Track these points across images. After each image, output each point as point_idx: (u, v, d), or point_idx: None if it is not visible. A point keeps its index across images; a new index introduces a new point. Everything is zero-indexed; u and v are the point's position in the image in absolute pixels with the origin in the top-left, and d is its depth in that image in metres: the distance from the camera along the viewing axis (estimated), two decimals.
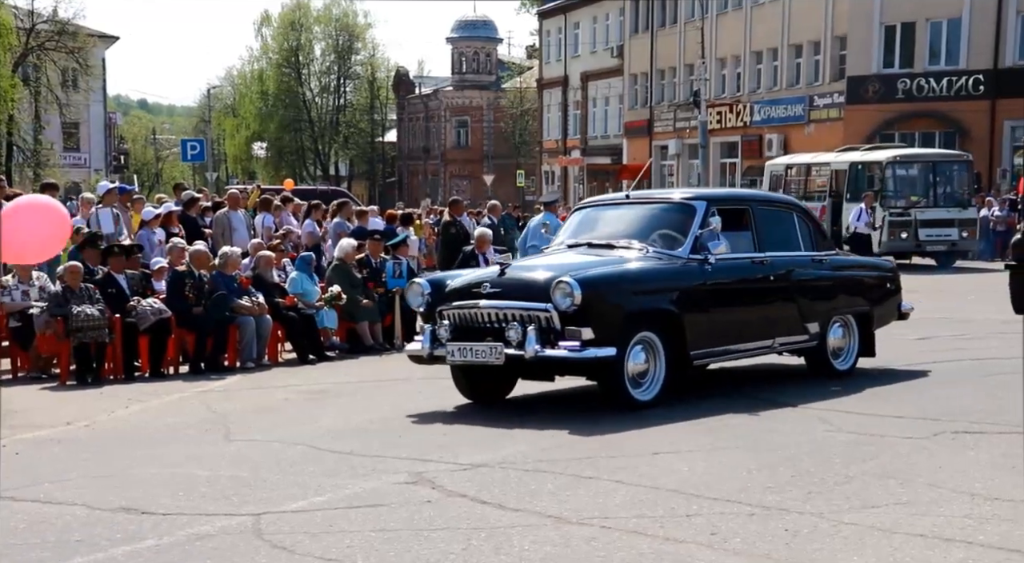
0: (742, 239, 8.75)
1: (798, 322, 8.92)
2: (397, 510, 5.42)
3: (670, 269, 8.17)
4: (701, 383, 9.05)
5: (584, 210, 9.54)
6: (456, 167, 68.08)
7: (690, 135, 40.81)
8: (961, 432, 6.97)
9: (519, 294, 7.71)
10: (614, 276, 7.89)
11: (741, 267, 8.64)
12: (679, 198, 9.02)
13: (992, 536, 4.77)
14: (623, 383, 7.62)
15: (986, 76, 31.81)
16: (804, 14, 36.31)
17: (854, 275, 9.80)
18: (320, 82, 75.07)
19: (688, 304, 8.03)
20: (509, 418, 7.78)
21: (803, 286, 9.01)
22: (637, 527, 5.03)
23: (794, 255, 9.10)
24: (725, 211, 8.61)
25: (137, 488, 6.05)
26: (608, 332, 7.49)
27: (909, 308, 10.19)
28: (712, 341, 8.24)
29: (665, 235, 8.48)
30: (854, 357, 9.43)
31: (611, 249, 8.41)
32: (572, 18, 53.32)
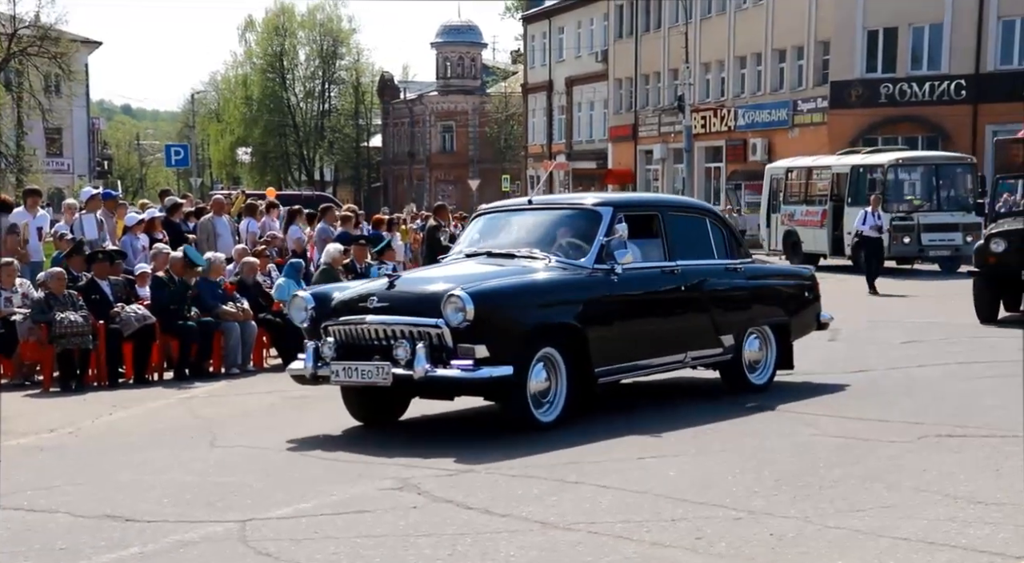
0: (651, 247, 8.29)
1: (712, 334, 8.46)
2: (383, 516, 5.41)
3: (573, 280, 7.66)
4: (687, 388, 9.07)
5: (485, 216, 8.88)
6: (442, 172, 68.06)
7: (675, 140, 40.92)
8: (945, 435, 7.00)
9: (409, 308, 7.15)
10: (511, 288, 7.33)
11: (650, 277, 8.14)
12: (583, 204, 8.45)
13: (976, 539, 4.79)
14: (524, 403, 7.10)
15: (968, 81, 32.03)
16: (788, 19, 36.48)
17: (771, 284, 9.36)
18: (305, 87, 74.96)
19: (593, 317, 7.54)
20: (493, 423, 7.78)
21: (717, 296, 8.56)
22: (623, 532, 5.04)
23: (707, 263, 8.65)
24: (633, 217, 8.16)
25: (121, 495, 6.02)
26: (505, 349, 6.95)
27: (828, 318, 9.72)
28: (619, 357, 7.74)
29: (569, 243, 7.99)
30: (771, 370, 8.98)
31: (511, 258, 7.89)
32: (557, 23, 53.43)
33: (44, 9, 38.33)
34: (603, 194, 9.56)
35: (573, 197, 9.73)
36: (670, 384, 9.23)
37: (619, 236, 7.69)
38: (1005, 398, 8.34)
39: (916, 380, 9.42)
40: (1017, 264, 13.05)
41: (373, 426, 7.75)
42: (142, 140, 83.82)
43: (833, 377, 9.62)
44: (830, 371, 9.98)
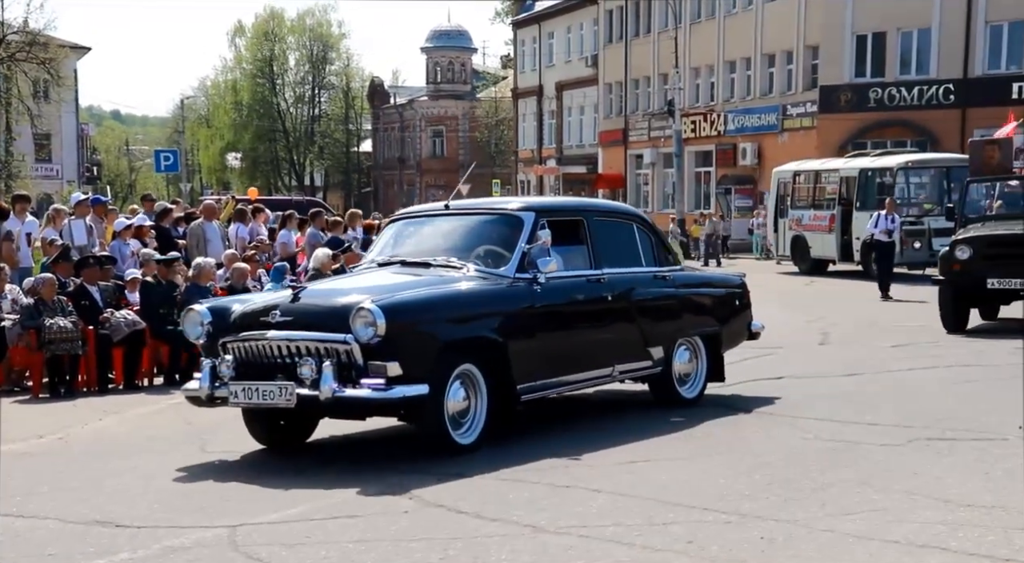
0: (576, 254, 7.82)
1: (640, 346, 8.07)
2: (374, 520, 5.40)
3: (493, 291, 7.15)
4: None
5: (399, 222, 8.35)
6: (432, 177, 68.07)
7: (665, 144, 41.02)
8: (936, 438, 7.02)
9: (315, 323, 6.59)
10: (426, 300, 6.81)
11: (575, 286, 7.69)
12: (504, 209, 7.96)
13: (966, 542, 4.81)
14: (441, 424, 6.62)
15: (956, 85, 32.18)
16: (776, 24, 36.61)
17: (701, 292, 8.93)
18: (295, 92, 74.96)
19: (514, 330, 7.06)
20: None
21: (645, 306, 8.15)
22: (615, 536, 5.04)
23: (635, 271, 8.23)
24: (556, 223, 7.69)
25: (111, 501, 6.00)
26: (419, 366, 6.46)
27: (760, 327, 9.36)
28: (543, 372, 7.26)
29: (489, 251, 7.48)
30: (702, 383, 8.65)
31: (427, 268, 7.37)
32: (546, 28, 53.52)
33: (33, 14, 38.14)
34: (526, 198, 8.81)
35: (493, 202, 9.12)
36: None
37: (542, 243, 7.25)
38: (995, 401, 8.38)
39: (906, 383, 9.45)
40: (982, 272, 12.63)
41: (279, 449, 7.24)
42: (131, 145, 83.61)
43: (822, 381, 9.66)
44: (820, 375, 10.02)
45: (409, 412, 6.61)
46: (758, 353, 11.45)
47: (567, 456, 6.72)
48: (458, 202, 8.21)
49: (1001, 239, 12.86)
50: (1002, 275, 12.53)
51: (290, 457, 7.05)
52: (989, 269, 12.60)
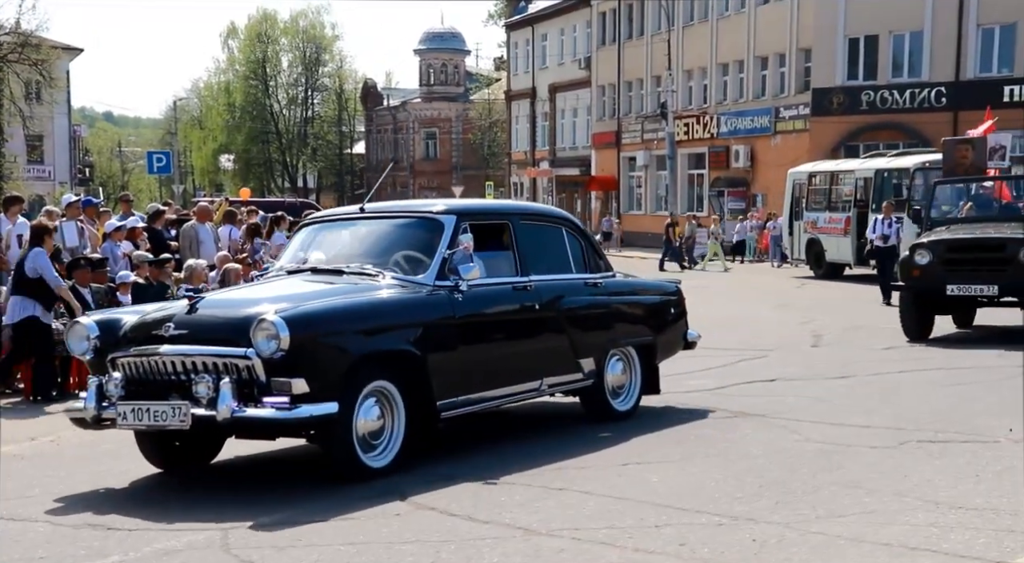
0: (501, 260, 7.38)
1: (570, 358, 7.63)
2: (366, 523, 5.40)
3: (411, 300, 6.67)
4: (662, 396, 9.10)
5: (311, 227, 7.85)
6: (425, 179, 68.12)
7: (658, 146, 41.06)
8: (926, 441, 7.04)
9: (213, 336, 6.07)
10: (335, 311, 6.28)
11: (499, 295, 7.21)
12: (423, 212, 7.42)
13: (956, 544, 4.83)
14: (350, 446, 6.12)
15: (948, 88, 32.25)
16: (769, 26, 36.68)
17: (634, 300, 8.51)
18: (288, 94, 74.92)
19: (434, 343, 6.59)
20: (477, 429, 7.78)
21: (575, 315, 7.70)
22: (607, 538, 5.04)
23: (564, 278, 7.79)
24: (480, 227, 7.24)
25: (103, 503, 5.99)
26: (328, 383, 5.96)
27: (696, 336, 9.05)
28: (465, 387, 6.81)
29: (407, 257, 7.01)
30: (636, 395, 8.26)
31: (340, 275, 6.88)
32: (540, 30, 53.56)
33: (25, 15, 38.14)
34: (448, 200, 8.30)
35: (412, 204, 8.62)
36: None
37: (464, 248, 6.79)
38: (986, 404, 8.41)
39: (898, 386, 9.47)
40: (942, 278, 12.21)
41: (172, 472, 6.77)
42: (124, 147, 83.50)
43: (814, 383, 9.67)
44: (812, 377, 10.03)
45: (317, 433, 6.11)
46: (751, 355, 11.48)
47: (560, 458, 6.72)
48: (375, 205, 7.81)
49: (961, 243, 12.49)
50: (962, 281, 12.16)
51: (281, 460, 7.04)
52: (949, 275, 12.20)
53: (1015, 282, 11.96)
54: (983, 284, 12.07)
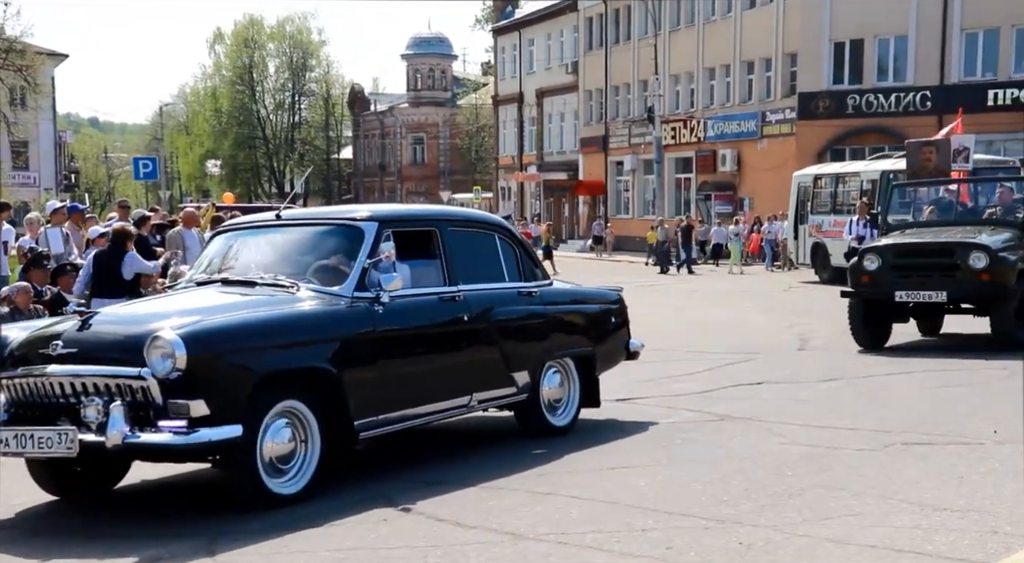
0: (428, 269, 7.02)
1: (502, 371, 7.23)
2: (352, 529, 5.39)
3: (326, 313, 6.24)
4: (649, 400, 9.10)
5: (226, 235, 7.35)
6: (412, 183, 68.11)
7: (645, 151, 41.17)
8: (912, 443, 7.07)
9: (104, 355, 5.61)
10: (239, 326, 5.84)
11: (425, 306, 6.82)
12: (342, 219, 7.01)
13: (941, 546, 4.85)
14: (255, 472, 5.69)
15: (932, 92, 32.44)
16: (755, 31, 36.83)
17: (572, 310, 8.11)
18: (274, 99, 74.88)
19: (351, 359, 6.17)
20: (465, 434, 7.78)
21: (508, 326, 7.33)
22: (594, 542, 5.05)
23: (496, 287, 7.40)
24: (404, 234, 6.90)
25: (87, 511, 5.97)
26: (230, 405, 5.55)
27: (639, 346, 8.63)
28: (386, 405, 6.41)
29: (325, 267, 6.62)
30: (575, 409, 7.87)
31: (252, 287, 6.48)
32: (527, 35, 53.66)
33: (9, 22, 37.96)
34: (372, 206, 7.99)
35: (332, 211, 8.15)
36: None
37: (386, 257, 6.43)
38: (971, 406, 8.45)
39: (884, 388, 9.50)
40: (891, 284, 11.78)
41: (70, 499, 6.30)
42: (110, 153, 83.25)
43: (800, 386, 9.70)
44: (798, 380, 10.07)
45: (219, 458, 5.70)
46: (738, 359, 11.51)
47: (547, 462, 6.73)
48: (292, 211, 7.36)
49: (910, 248, 12.06)
50: (911, 287, 11.70)
51: None
52: (898, 281, 11.78)
53: (964, 288, 11.63)
54: (932, 290, 11.62)
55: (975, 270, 11.45)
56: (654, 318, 17.04)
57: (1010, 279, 11.49)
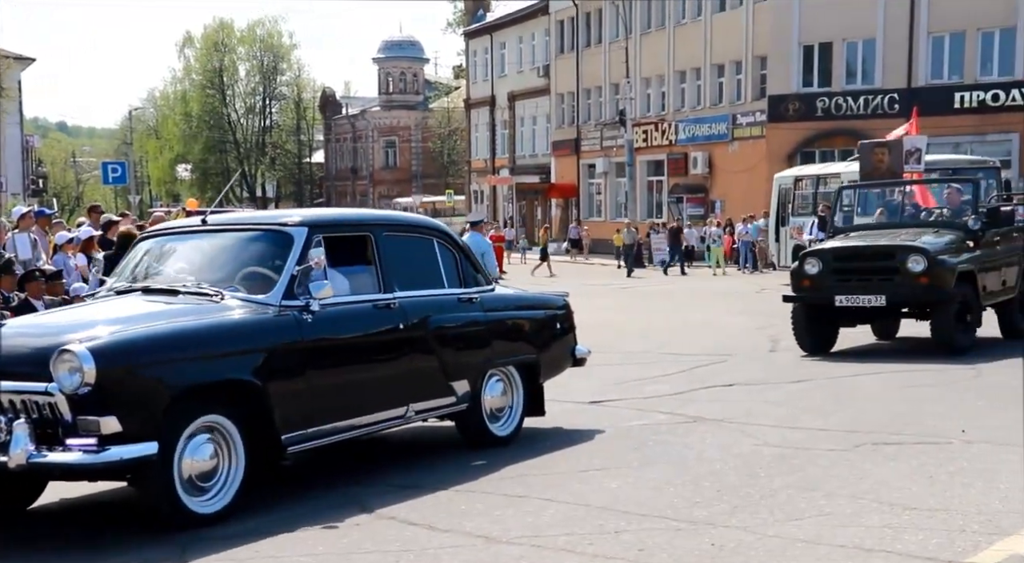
0: (362, 276, 6.79)
1: (441, 381, 7.02)
2: (325, 534, 5.38)
3: (250, 323, 5.98)
4: (621, 402, 9.13)
5: (149, 241, 7.06)
6: (385, 187, 68.03)
7: (617, 153, 41.30)
8: (881, 443, 7.13)
9: (12, 369, 5.33)
10: (155, 338, 5.54)
11: (358, 315, 6.58)
12: (270, 224, 6.76)
13: (910, 545, 4.90)
14: (172, 491, 5.41)
15: (901, 94, 32.74)
16: (725, 34, 37.04)
17: (516, 316, 7.84)
18: (245, 103, 74.59)
19: (278, 370, 5.93)
20: (438, 438, 7.77)
21: (446, 334, 7.10)
22: (567, 545, 5.06)
23: (435, 294, 7.16)
24: (338, 240, 6.70)
25: (57, 520, 5.91)
26: (145, 421, 5.27)
27: (585, 352, 8.39)
28: (315, 418, 6.15)
29: (252, 274, 6.33)
30: (518, 418, 7.65)
31: (174, 295, 6.19)
32: (498, 38, 53.70)
33: None
34: (303, 211, 7.73)
35: (260, 216, 7.77)
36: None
37: (315, 263, 6.19)
38: (940, 405, 8.54)
39: (853, 389, 9.58)
40: (831, 288, 11.61)
41: None
42: (78, 157, 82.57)
43: (771, 387, 9.76)
44: (770, 381, 10.13)
45: (134, 477, 5.44)
46: (710, 361, 11.57)
47: (520, 465, 6.74)
48: (219, 216, 7.03)
49: (849, 252, 11.93)
50: (850, 292, 11.50)
51: None
52: (838, 285, 11.62)
53: (903, 292, 11.43)
54: (871, 294, 11.42)
55: (913, 274, 11.31)
56: (627, 320, 17.10)
57: (949, 282, 11.33)
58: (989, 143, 30.20)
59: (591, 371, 10.13)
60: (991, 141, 30.42)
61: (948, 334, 11.42)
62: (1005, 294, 12.54)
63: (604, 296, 22.34)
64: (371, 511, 5.77)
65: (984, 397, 8.88)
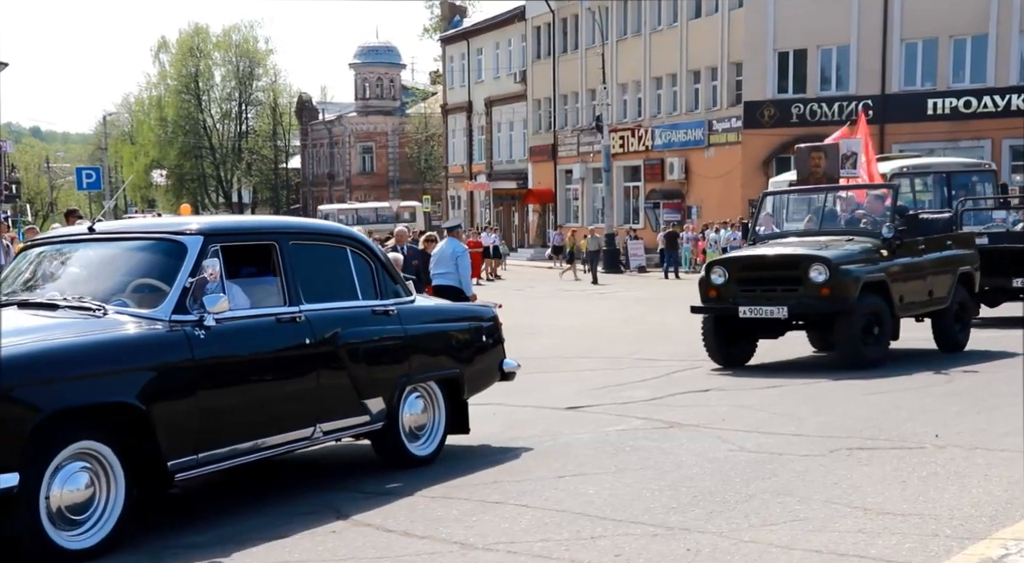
0: (265, 288, 6.36)
1: (352, 399, 6.60)
2: (300, 541, 5.36)
3: (134, 340, 5.48)
4: (598, 408, 9.15)
5: (34, 250, 6.60)
6: (362, 193, 67.86)
7: (594, 159, 41.42)
8: (856, 448, 7.18)
9: None
10: (16, 358, 4.98)
11: (258, 329, 6.13)
12: (162, 232, 6.24)
13: (883, 549, 4.93)
14: (37, 526, 4.93)
15: (874, 101, 33.00)
16: (701, 41, 37.24)
17: (437, 329, 7.43)
18: (221, 108, 74.28)
19: (164, 391, 5.46)
20: None
21: (359, 349, 6.66)
22: (543, 551, 5.07)
23: (346, 307, 6.72)
24: (239, 249, 6.28)
25: None
26: (4, 449, 4.82)
27: (515, 366, 8.00)
28: (208, 442, 5.68)
29: (142, 287, 5.89)
30: (440, 436, 7.26)
31: (52, 309, 5.70)
32: (475, 44, 53.75)
33: None
34: (201, 218, 7.32)
35: (154, 223, 7.23)
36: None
37: (210, 274, 5.77)
38: (913, 410, 8.60)
39: (828, 394, 9.63)
40: (735, 299, 11.25)
41: None
42: (52, 163, 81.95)
43: (747, 393, 9.80)
44: (745, 387, 10.17)
45: None
46: (685, 366, 11.61)
47: (496, 471, 6.74)
48: (107, 224, 6.75)
49: (754, 261, 11.60)
50: (754, 302, 11.10)
51: (215, 477, 6.94)
52: (742, 295, 11.25)
53: (804, 303, 10.99)
54: (774, 306, 10.99)
55: (816, 284, 10.89)
56: (602, 325, 17.14)
57: (851, 294, 10.88)
58: (962, 149, 30.44)
59: (568, 376, 10.17)
60: (964, 148, 30.69)
61: (854, 348, 10.91)
62: (934, 305, 12.02)
63: (579, 301, 22.38)
64: (347, 517, 5.75)
65: (957, 402, 8.96)
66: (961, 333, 12.42)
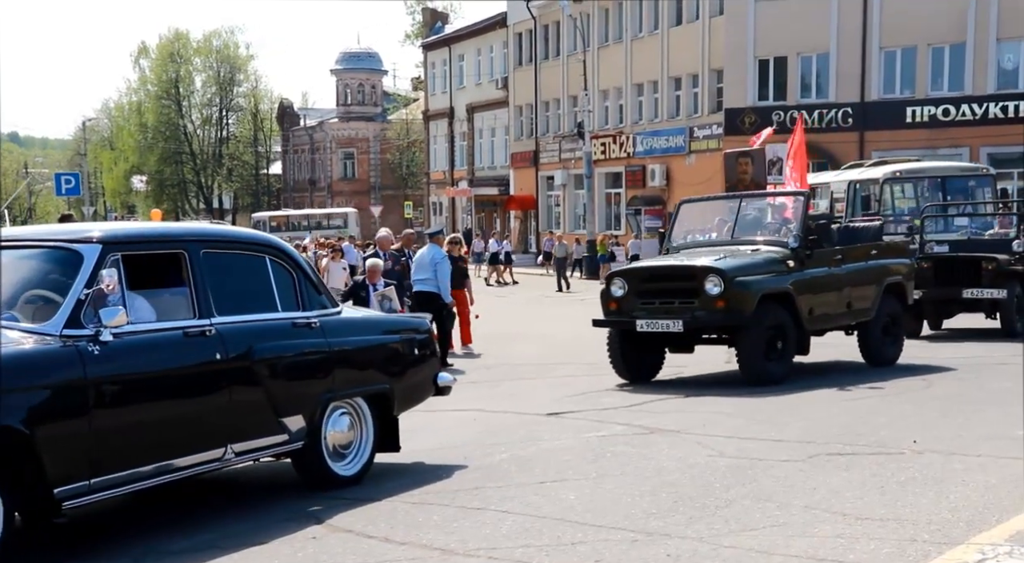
0: (173, 300, 5.95)
1: (269, 417, 6.20)
2: (280, 547, 5.34)
3: (17, 357, 4.97)
4: (579, 413, 9.15)
5: None
6: (343, 199, 67.75)
7: (575, 165, 41.49)
8: (835, 454, 7.21)
9: None
10: None
11: (162, 344, 5.69)
12: (57, 240, 5.74)
13: (862, 554, 4.95)
14: None
15: (854, 108, 33.23)
16: (682, 48, 37.40)
17: (364, 342, 6.99)
18: (202, 114, 74.08)
19: (51, 413, 5.02)
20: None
21: (276, 364, 6.28)
22: (523, 557, 5.07)
23: (263, 319, 6.32)
24: (144, 258, 5.87)
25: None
26: None
27: (450, 380, 7.67)
28: (102, 467, 5.24)
29: (35, 299, 5.45)
30: (368, 454, 6.88)
31: None
32: (457, 50, 53.80)
33: None
34: (103, 224, 6.78)
35: (49, 230, 6.51)
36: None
37: (107, 286, 5.34)
38: (891, 416, 8.65)
39: (808, 399, 9.67)
40: (633, 312, 10.75)
41: None
42: (30, 168, 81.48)
43: (727, 398, 9.83)
44: (725, 392, 10.20)
45: None
46: (665, 373, 11.63)
47: (477, 477, 6.73)
48: (6, 231, 6.40)
49: (652, 273, 11.17)
50: (652, 316, 10.62)
51: (197, 484, 6.91)
52: (640, 308, 10.77)
53: (700, 316, 10.46)
54: (670, 319, 10.49)
55: (711, 297, 10.37)
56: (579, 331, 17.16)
57: (748, 306, 10.34)
58: (940, 157, 30.63)
59: (549, 383, 10.15)
60: (942, 155, 30.86)
61: (756, 364, 10.41)
62: (853, 317, 11.57)
63: (563, 306, 22.39)
64: (327, 524, 5.74)
65: (935, 408, 9.02)
66: (892, 347, 11.92)
